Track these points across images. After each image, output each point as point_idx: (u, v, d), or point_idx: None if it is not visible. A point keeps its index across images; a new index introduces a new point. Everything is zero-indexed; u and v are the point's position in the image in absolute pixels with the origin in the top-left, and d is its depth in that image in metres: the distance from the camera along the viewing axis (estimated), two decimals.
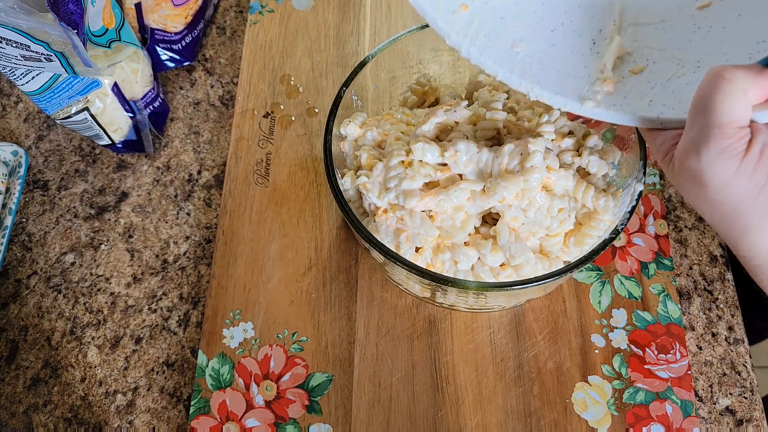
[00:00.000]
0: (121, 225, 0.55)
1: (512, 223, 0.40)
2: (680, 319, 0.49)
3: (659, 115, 0.34)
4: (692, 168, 0.30)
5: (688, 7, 0.36)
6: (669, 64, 0.35)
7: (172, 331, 0.51)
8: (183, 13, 0.59)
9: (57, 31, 0.42)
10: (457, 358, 0.48)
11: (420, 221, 0.41)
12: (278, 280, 0.51)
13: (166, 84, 0.62)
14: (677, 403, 0.46)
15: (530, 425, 0.46)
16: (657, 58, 0.36)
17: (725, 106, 0.28)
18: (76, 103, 0.51)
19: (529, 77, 0.37)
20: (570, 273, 0.38)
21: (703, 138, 0.29)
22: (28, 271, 0.53)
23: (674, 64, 0.35)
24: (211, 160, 0.58)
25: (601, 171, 0.42)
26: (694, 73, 0.35)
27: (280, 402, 0.47)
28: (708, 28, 0.35)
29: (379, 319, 0.49)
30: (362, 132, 0.46)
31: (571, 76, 0.37)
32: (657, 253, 0.51)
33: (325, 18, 0.63)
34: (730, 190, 0.29)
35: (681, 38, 0.36)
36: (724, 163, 0.29)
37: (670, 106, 0.34)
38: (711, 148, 0.29)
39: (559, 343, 0.48)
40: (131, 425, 0.48)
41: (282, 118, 0.58)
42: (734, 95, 0.28)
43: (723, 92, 0.28)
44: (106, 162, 0.58)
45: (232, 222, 0.53)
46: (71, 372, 0.50)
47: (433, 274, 0.38)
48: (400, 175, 0.41)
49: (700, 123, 0.29)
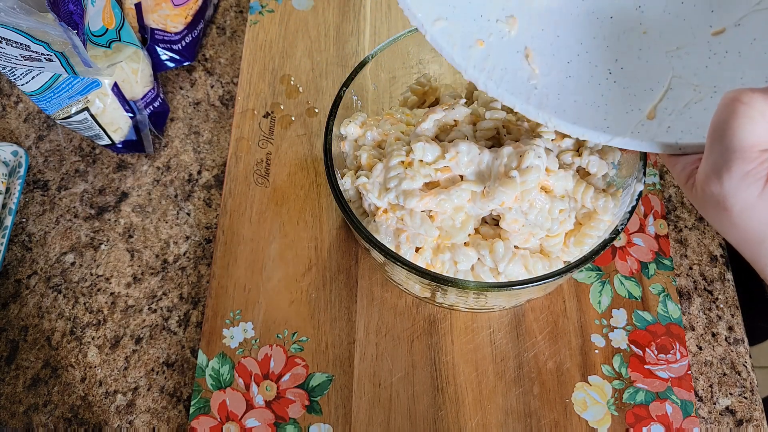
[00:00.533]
0: (121, 225, 0.55)
1: (512, 225, 0.40)
2: (680, 319, 0.49)
3: (677, 141, 0.34)
4: (715, 193, 0.29)
5: (703, 34, 0.36)
6: (685, 90, 0.35)
7: (172, 331, 0.51)
8: (183, 13, 0.59)
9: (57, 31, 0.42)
10: (457, 358, 0.48)
11: (420, 221, 0.41)
12: (278, 280, 0.51)
13: (166, 84, 0.62)
14: (677, 403, 0.46)
15: (530, 425, 0.46)
16: (673, 85, 0.36)
17: (744, 130, 0.27)
18: (76, 103, 0.51)
19: (546, 108, 0.37)
20: (570, 273, 0.38)
21: (724, 163, 0.28)
22: (28, 271, 0.54)
23: (691, 90, 0.35)
24: (211, 160, 0.58)
25: (601, 171, 0.42)
26: (711, 98, 0.35)
27: (280, 402, 0.47)
28: (723, 54, 0.35)
29: (379, 319, 0.49)
30: (362, 132, 0.46)
31: (589, 106, 0.37)
32: (657, 253, 0.51)
33: (325, 18, 0.63)
34: (754, 215, 0.29)
35: (697, 64, 0.36)
36: (747, 187, 0.28)
37: (688, 131, 0.34)
38: (733, 173, 0.28)
39: (559, 343, 0.48)
40: (131, 425, 0.48)
41: (282, 118, 0.58)
42: (753, 119, 0.27)
43: (741, 116, 0.27)
44: (106, 162, 0.58)
45: (232, 222, 0.53)
46: (71, 372, 0.50)
47: (433, 274, 0.38)
48: (400, 176, 0.41)
49: (720, 148, 0.28)
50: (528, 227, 0.41)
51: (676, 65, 0.36)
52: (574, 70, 0.38)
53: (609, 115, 0.37)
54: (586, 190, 0.41)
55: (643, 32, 0.37)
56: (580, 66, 0.38)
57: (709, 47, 0.36)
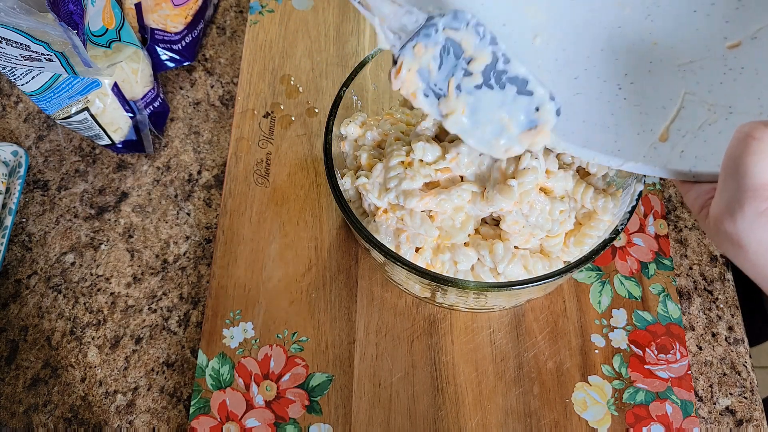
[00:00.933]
0: (121, 225, 0.55)
1: (513, 227, 0.40)
2: (680, 319, 0.49)
3: (691, 169, 0.33)
4: (728, 232, 0.28)
5: (718, 47, 0.34)
6: (699, 109, 0.34)
7: (172, 331, 0.51)
8: (183, 13, 0.59)
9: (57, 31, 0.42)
10: (457, 358, 0.48)
11: (420, 221, 0.41)
12: (278, 280, 0.51)
13: (166, 84, 0.62)
14: (677, 403, 0.46)
15: (530, 425, 0.46)
16: (686, 103, 0.34)
17: (758, 167, 0.26)
18: (76, 103, 0.51)
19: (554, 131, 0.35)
20: (570, 273, 0.38)
21: (737, 202, 0.27)
22: (28, 271, 0.54)
23: (705, 110, 0.34)
24: (211, 160, 0.58)
25: (602, 171, 0.42)
26: (726, 119, 0.33)
27: (280, 402, 0.47)
28: (739, 70, 0.33)
29: (379, 319, 0.49)
30: (362, 132, 0.46)
31: (599, 127, 0.35)
32: (657, 253, 0.51)
33: (325, 18, 0.63)
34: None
35: (711, 80, 0.34)
36: (762, 227, 0.27)
37: (703, 158, 0.33)
38: (746, 213, 0.27)
39: (559, 343, 0.48)
40: (131, 425, 0.48)
41: (282, 118, 0.58)
42: (767, 156, 0.26)
43: (754, 153, 0.26)
44: (106, 162, 0.58)
45: (232, 222, 0.53)
46: (71, 372, 0.50)
47: (433, 274, 0.38)
48: (400, 176, 0.41)
49: (733, 186, 0.27)
50: (528, 228, 0.41)
51: (690, 80, 0.34)
52: (582, 87, 0.35)
53: (620, 136, 0.35)
54: (586, 190, 0.41)
55: (653, 43, 0.35)
56: (588, 82, 0.35)
57: (725, 62, 0.34)
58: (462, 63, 0.33)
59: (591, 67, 0.36)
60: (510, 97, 0.34)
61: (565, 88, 0.35)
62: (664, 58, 0.35)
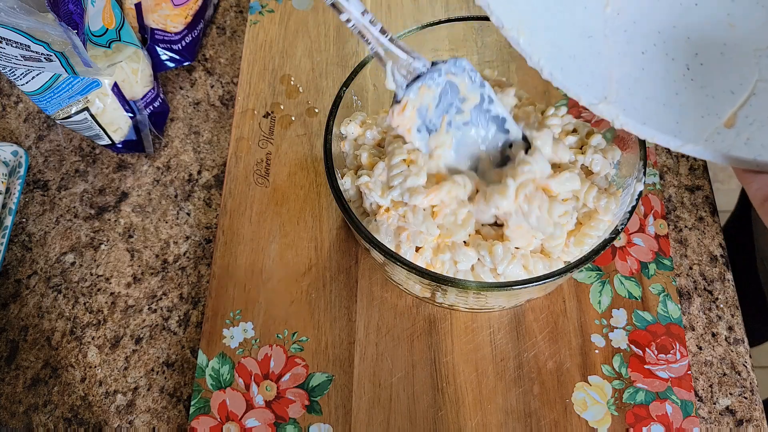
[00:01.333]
0: (121, 225, 0.55)
1: (516, 231, 0.40)
2: (680, 319, 0.49)
3: (756, 157, 0.31)
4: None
5: None
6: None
7: (172, 331, 0.51)
8: (183, 13, 0.59)
9: (57, 31, 0.42)
10: (457, 358, 0.48)
11: (422, 218, 0.41)
12: (278, 280, 0.51)
13: (166, 84, 0.62)
14: (677, 403, 0.46)
15: (530, 425, 0.46)
16: (758, 90, 0.32)
17: None
18: (76, 103, 0.51)
19: (615, 103, 0.34)
20: (570, 273, 0.38)
21: None
22: (28, 271, 0.54)
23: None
24: (211, 160, 0.58)
25: (605, 170, 0.42)
26: None
27: (280, 402, 0.47)
28: None
29: (379, 319, 0.49)
30: (362, 131, 0.46)
31: (661, 105, 0.34)
32: (657, 253, 0.51)
33: (325, 18, 0.63)
34: None
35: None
36: None
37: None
38: None
39: (559, 343, 0.48)
40: (131, 425, 0.48)
41: (282, 118, 0.58)
42: None
43: None
44: (106, 162, 0.58)
45: (232, 222, 0.53)
46: (71, 372, 0.50)
47: (433, 274, 0.38)
48: (404, 173, 0.41)
49: None
50: (531, 232, 0.40)
51: (764, 67, 0.32)
52: (648, 63, 0.34)
53: (683, 118, 0.33)
54: (589, 189, 0.41)
55: (730, 24, 0.33)
56: (656, 58, 0.34)
57: None
58: (456, 102, 0.38)
59: (660, 43, 0.34)
60: (491, 133, 0.40)
61: (630, 62, 0.34)
62: (741, 41, 0.33)
